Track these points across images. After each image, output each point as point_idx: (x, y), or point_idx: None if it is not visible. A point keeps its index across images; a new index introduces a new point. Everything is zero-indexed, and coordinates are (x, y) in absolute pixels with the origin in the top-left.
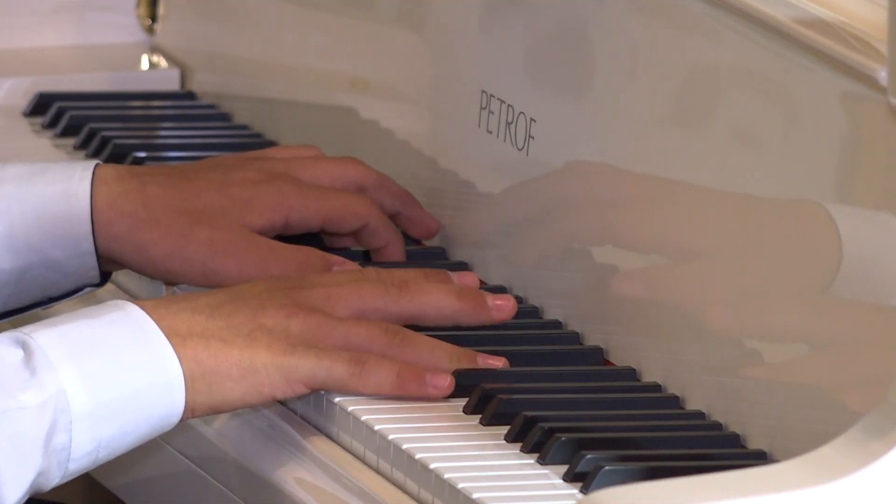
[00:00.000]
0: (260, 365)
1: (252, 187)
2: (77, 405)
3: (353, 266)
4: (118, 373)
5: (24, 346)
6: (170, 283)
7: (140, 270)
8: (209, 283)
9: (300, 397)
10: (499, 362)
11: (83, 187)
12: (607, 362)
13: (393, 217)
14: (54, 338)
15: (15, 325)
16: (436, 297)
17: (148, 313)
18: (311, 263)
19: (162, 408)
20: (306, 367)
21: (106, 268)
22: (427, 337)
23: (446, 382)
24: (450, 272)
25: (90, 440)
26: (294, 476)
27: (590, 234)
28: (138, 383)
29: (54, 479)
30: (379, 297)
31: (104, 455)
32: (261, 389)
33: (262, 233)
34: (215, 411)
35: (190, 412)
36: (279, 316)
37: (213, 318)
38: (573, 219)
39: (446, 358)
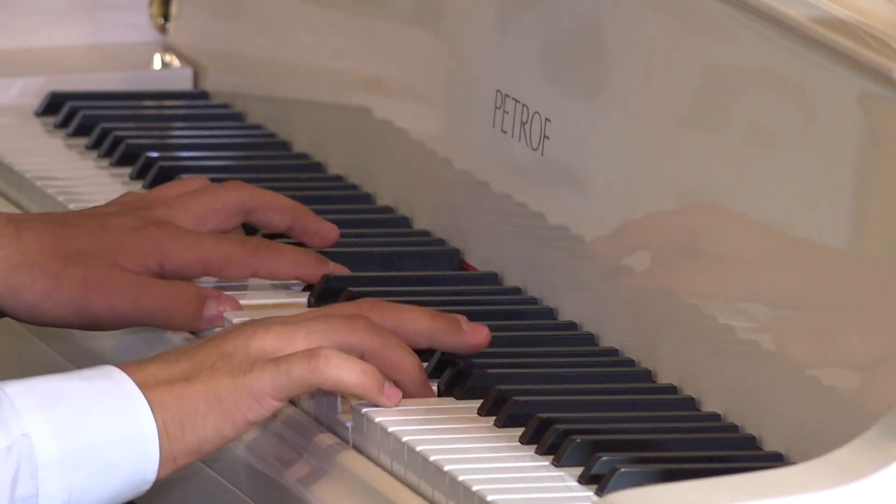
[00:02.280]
0: (224, 391)
1: (126, 233)
2: (44, 452)
3: (229, 300)
4: (88, 422)
5: None
6: (47, 326)
7: (16, 315)
8: (83, 322)
9: (313, 398)
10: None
11: None
12: (623, 364)
13: (287, 231)
14: (23, 388)
15: None
16: (410, 314)
17: (122, 370)
18: (184, 297)
19: (136, 460)
20: (266, 378)
21: None
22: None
23: (398, 396)
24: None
25: (60, 489)
26: (304, 478)
27: (605, 235)
28: (109, 434)
29: None
30: (352, 310)
31: None
32: (232, 416)
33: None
34: (198, 454)
35: (172, 462)
36: (239, 339)
37: (179, 362)
38: (588, 219)
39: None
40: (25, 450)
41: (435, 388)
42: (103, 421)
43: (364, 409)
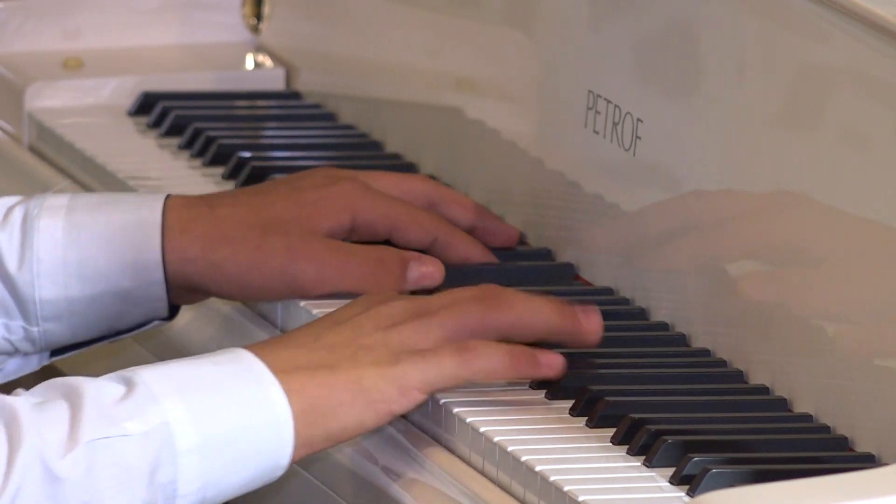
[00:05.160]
0: (369, 382)
1: (319, 190)
2: (182, 438)
3: (431, 261)
4: (224, 409)
5: (128, 382)
6: (250, 299)
7: (218, 291)
8: (289, 290)
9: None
10: (596, 321)
11: (154, 216)
12: (715, 364)
13: (470, 231)
14: (159, 375)
15: (82, 359)
16: (530, 306)
17: (253, 353)
18: (389, 262)
19: (270, 447)
20: (415, 372)
21: (176, 300)
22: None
23: (559, 361)
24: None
25: (197, 475)
26: (398, 476)
27: (697, 237)
28: (246, 419)
29: None
30: (476, 293)
31: (212, 495)
32: (376, 407)
33: (331, 235)
34: (335, 441)
35: (308, 447)
36: (377, 333)
37: (315, 349)
38: (680, 221)
39: (546, 313)
40: (165, 436)
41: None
42: (240, 406)
43: (456, 410)
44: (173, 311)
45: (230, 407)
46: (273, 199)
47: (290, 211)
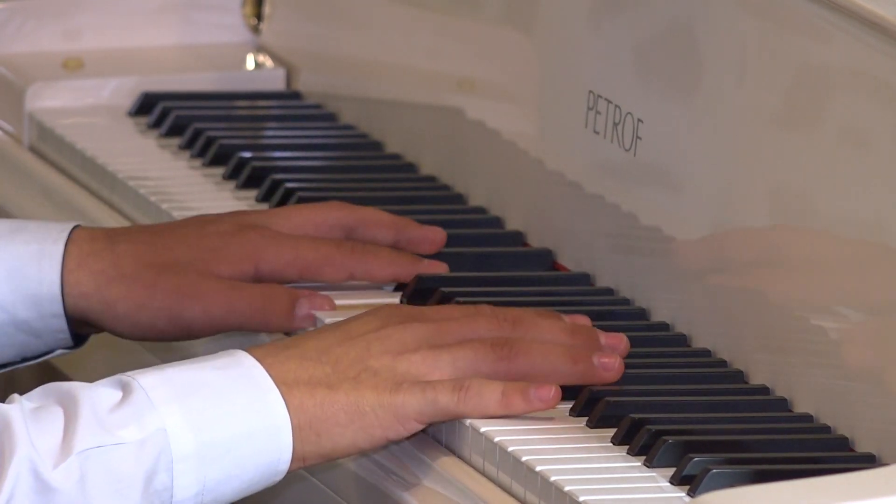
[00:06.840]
0: (367, 407)
1: (222, 238)
2: (179, 445)
3: (322, 299)
4: (224, 415)
5: (125, 387)
6: (143, 339)
7: (111, 329)
8: (177, 330)
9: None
10: (616, 364)
11: (56, 249)
12: (715, 365)
13: (394, 245)
14: (158, 379)
15: (77, 356)
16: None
17: (257, 360)
18: (276, 298)
19: (269, 453)
20: (413, 403)
21: (80, 330)
22: (538, 340)
23: (551, 394)
24: (562, 315)
25: (194, 482)
26: (399, 477)
27: (697, 237)
28: (245, 426)
29: None
30: (494, 329)
31: (209, 500)
32: (371, 432)
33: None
34: (327, 459)
35: (300, 461)
36: (385, 357)
37: (321, 364)
38: (680, 220)
39: (562, 361)
40: (161, 443)
41: None
42: (238, 413)
43: None
44: (81, 339)
45: (229, 413)
46: (175, 240)
47: (188, 254)
